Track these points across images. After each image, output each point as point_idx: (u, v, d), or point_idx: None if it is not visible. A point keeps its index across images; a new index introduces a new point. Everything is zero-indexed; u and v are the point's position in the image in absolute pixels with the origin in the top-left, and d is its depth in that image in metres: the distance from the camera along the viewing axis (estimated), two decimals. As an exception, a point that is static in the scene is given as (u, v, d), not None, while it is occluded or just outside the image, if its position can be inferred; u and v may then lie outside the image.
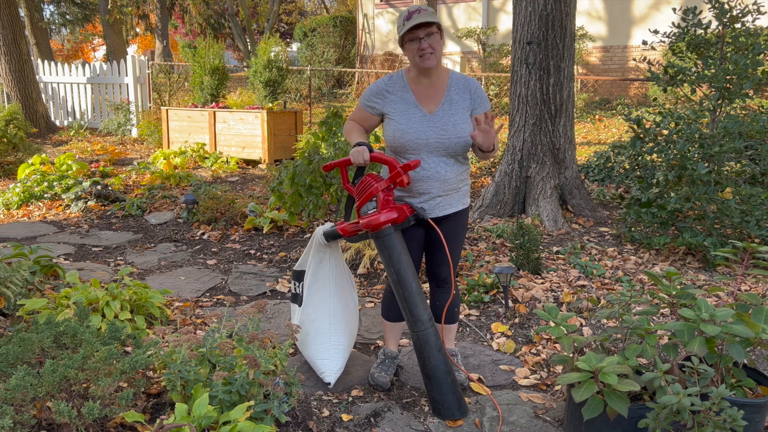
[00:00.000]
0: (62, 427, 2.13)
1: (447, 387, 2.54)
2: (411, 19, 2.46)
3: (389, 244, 2.52)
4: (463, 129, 2.57)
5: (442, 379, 2.54)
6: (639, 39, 12.73)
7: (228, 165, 8.25)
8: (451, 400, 2.55)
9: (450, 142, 2.56)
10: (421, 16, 2.46)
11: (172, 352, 2.43)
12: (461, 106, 2.59)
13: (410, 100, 2.59)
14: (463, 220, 2.76)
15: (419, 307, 2.52)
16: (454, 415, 2.55)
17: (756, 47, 4.34)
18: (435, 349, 2.53)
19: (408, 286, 2.52)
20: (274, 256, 4.77)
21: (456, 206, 2.70)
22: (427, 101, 2.59)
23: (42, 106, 11.98)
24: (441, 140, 2.55)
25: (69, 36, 30.92)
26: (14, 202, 6.40)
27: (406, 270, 2.53)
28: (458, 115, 2.58)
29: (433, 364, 2.53)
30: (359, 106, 2.72)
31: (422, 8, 2.52)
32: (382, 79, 2.67)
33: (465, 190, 2.74)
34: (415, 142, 2.56)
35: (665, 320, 3.50)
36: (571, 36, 5.35)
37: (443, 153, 2.58)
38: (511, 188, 5.45)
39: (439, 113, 2.57)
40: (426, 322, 2.53)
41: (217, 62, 10.31)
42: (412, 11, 2.50)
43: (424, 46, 2.48)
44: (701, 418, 2.03)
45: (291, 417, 2.45)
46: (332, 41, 17.04)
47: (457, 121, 2.57)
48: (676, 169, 4.44)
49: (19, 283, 3.41)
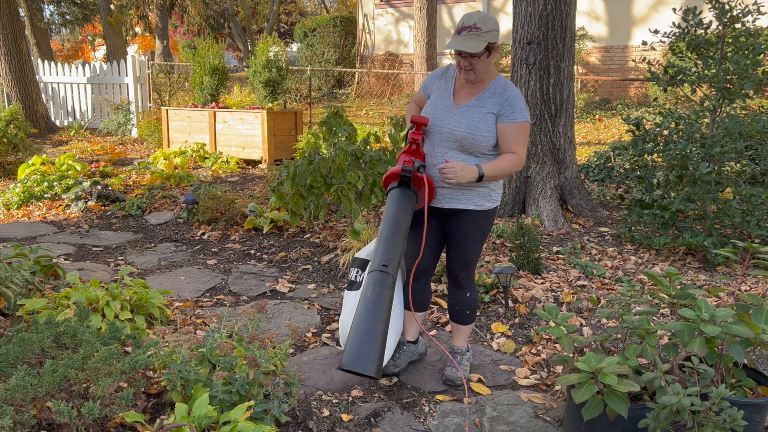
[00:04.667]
0: (62, 427, 2.13)
1: (355, 332, 2.26)
2: (455, 40, 2.52)
3: (389, 197, 2.63)
4: (476, 127, 2.60)
5: (353, 323, 2.30)
6: (639, 39, 12.73)
7: (228, 165, 8.25)
8: (350, 349, 2.22)
9: (459, 135, 2.62)
10: (465, 44, 2.49)
11: (172, 352, 2.43)
12: (486, 109, 2.62)
13: (448, 90, 2.74)
14: (474, 223, 2.73)
15: (379, 252, 2.46)
16: (344, 364, 2.19)
17: (756, 47, 4.34)
18: (369, 291, 2.36)
19: (381, 234, 2.53)
20: (274, 256, 4.77)
21: (465, 204, 2.70)
22: (461, 96, 2.70)
23: (42, 106, 11.98)
24: (452, 131, 2.64)
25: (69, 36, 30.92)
26: (14, 202, 6.40)
27: (387, 221, 2.54)
28: (479, 114, 2.61)
29: (361, 303, 2.36)
30: (419, 90, 2.93)
31: (476, 25, 2.51)
32: (442, 67, 2.85)
33: (482, 192, 2.70)
34: (432, 126, 2.70)
35: (665, 320, 3.50)
36: (571, 36, 5.35)
37: (453, 145, 2.65)
38: (511, 188, 5.45)
39: (464, 108, 2.65)
40: (376, 266, 2.42)
41: (217, 62, 10.30)
42: (465, 27, 2.53)
43: (464, 64, 2.59)
44: (701, 418, 2.03)
45: (291, 417, 2.45)
46: (332, 41, 17.04)
47: (473, 119, 2.61)
48: (676, 170, 4.44)
49: (19, 283, 3.41)
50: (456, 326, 2.95)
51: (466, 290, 2.85)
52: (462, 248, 2.77)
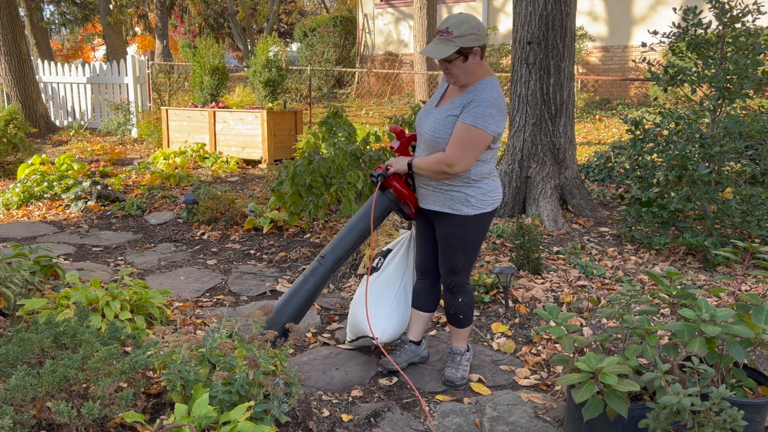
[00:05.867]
0: (62, 427, 2.13)
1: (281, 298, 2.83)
2: (427, 47, 2.58)
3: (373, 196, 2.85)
4: (436, 129, 2.61)
5: (287, 295, 2.82)
6: (639, 39, 12.73)
7: (228, 165, 8.25)
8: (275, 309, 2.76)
9: (429, 137, 2.65)
10: (432, 49, 2.53)
11: (172, 352, 2.43)
12: (450, 112, 2.60)
13: (439, 93, 2.79)
14: (452, 228, 2.68)
15: (332, 246, 2.84)
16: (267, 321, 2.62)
17: (756, 47, 4.34)
18: (301, 280, 2.83)
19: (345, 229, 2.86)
20: (274, 256, 4.77)
21: (440, 206, 2.69)
22: (446, 98, 2.72)
23: (42, 106, 11.98)
24: (422, 133, 2.71)
25: (69, 36, 30.92)
26: (14, 202, 6.40)
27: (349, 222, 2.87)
28: (441, 117, 2.62)
29: (294, 284, 2.86)
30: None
31: (447, 31, 2.51)
32: None
33: (456, 196, 2.64)
34: (417, 129, 2.78)
35: (665, 320, 3.50)
36: (571, 36, 5.35)
37: (425, 145, 2.70)
38: (511, 188, 5.45)
39: (437, 110, 2.68)
40: (320, 260, 2.83)
41: (217, 62, 10.31)
42: (439, 30, 2.57)
43: (442, 68, 2.61)
44: (701, 418, 2.03)
45: (291, 417, 2.45)
46: (332, 41, 17.04)
47: (437, 120, 2.63)
48: (676, 169, 4.44)
49: (19, 283, 3.41)
50: (452, 328, 2.95)
51: (458, 295, 2.84)
52: (444, 253, 2.77)
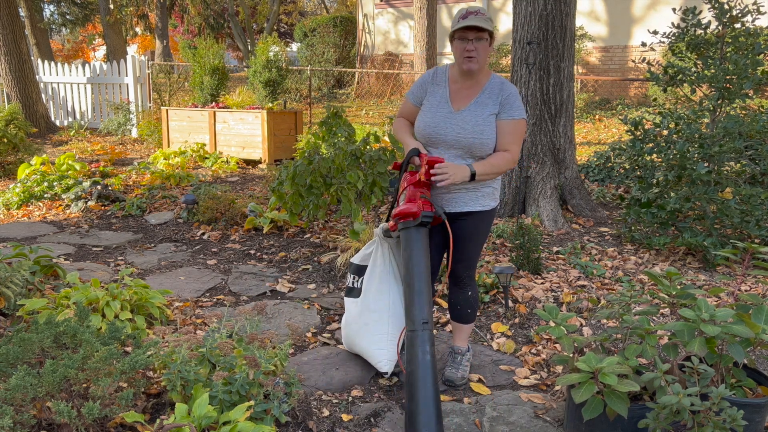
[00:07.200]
0: (62, 427, 2.13)
1: (422, 397, 2.29)
2: (466, 19, 2.52)
3: (406, 237, 2.58)
4: (482, 131, 2.59)
5: (417, 387, 2.32)
6: (639, 39, 12.73)
7: (228, 165, 8.25)
8: (425, 416, 2.26)
9: (466, 141, 2.60)
10: (477, 20, 2.51)
11: (172, 352, 2.43)
12: (488, 110, 2.61)
13: (444, 96, 2.68)
14: (480, 223, 2.74)
15: (416, 308, 2.46)
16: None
17: (756, 47, 4.34)
18: (419, 354, 2.37)
19: (412, 285, 2.51)
20: (274, 256, 4.77)
21: (472, 206, 2.70)
22: (459, 99, 2.66)
23: (42, 106, 11.98)
24: (458, 138, 2.60)
25: (69, 36, 30.92)
26: (14, 202, 6.40)
27: (414, 268, 2.52)
28: (481, 116, 2.60)
29: (411, 369, 2.37)
30: (406, 99, 2.84)
31: (480, 11, 2.55)
32: (428, 72, 2.79)
33: (486, 192, 2.71)
34: (435, 136, 2.65)
35: (665, 320, 3.50)
36: (571, 36, 5.35)
37: (460, 151, 2.62)
38: (511, 188, 5.45)
39: (465, 112, 2.62)
40: (418, 325, 2.43)
41: (217, 62, 10.30)
42: (471, 12, 2.55)
43: (470, 48, 2.54)
44: (701, 418, 2.03)
45: (291, 417, 2.45)
46: (332, 41, 17.04)
47: (477, 122, 2.60)
48: (675, 169, 4.44)
49: (19, 283, 3.41)
50: (457, 325, 2.95)
51: (467, 289, 2.85)
52: (467, 248, 2.77)
